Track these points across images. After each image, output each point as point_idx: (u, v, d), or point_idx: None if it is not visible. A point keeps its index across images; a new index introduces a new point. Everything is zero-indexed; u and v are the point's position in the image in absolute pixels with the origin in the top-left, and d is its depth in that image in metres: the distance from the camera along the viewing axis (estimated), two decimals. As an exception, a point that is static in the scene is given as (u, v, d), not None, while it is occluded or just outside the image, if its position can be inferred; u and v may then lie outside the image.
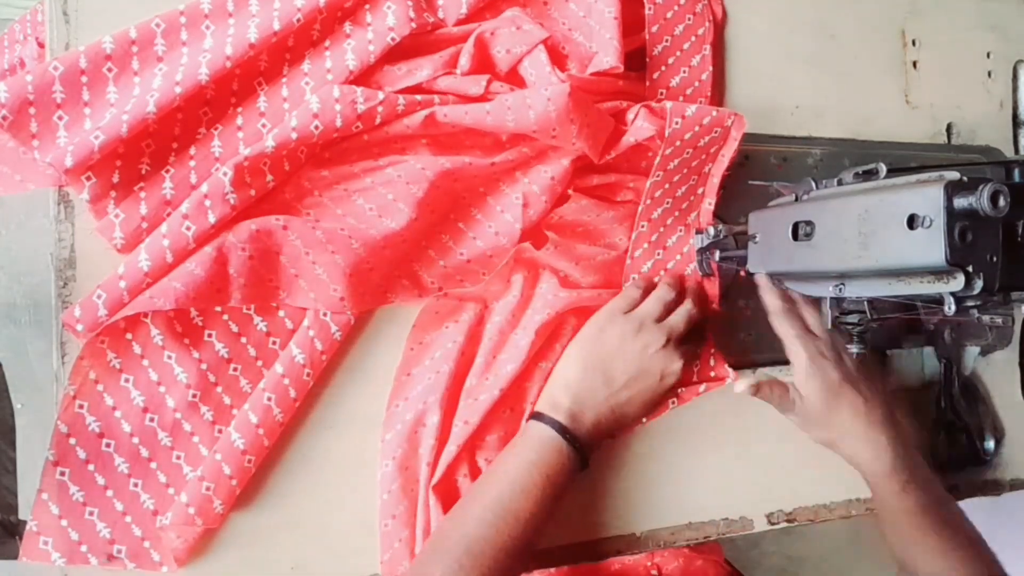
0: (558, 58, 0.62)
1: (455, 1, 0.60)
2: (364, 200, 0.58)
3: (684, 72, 0.67)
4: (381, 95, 0.56)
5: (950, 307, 0.51)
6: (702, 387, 0.65)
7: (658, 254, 0.65)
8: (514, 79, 0.61)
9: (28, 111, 0.51)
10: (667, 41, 0.66)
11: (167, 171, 0.53)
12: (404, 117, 0.57)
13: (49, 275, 0.53)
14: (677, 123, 0.60)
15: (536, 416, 0.57)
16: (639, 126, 0.61)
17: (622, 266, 0.65)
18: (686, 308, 0.62)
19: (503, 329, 0.60)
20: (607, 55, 0.61)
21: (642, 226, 0.64)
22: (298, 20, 0.54)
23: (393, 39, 0.57)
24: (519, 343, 0.59)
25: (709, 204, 0.66)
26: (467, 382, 0.60)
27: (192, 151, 0.54)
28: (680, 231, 0.66)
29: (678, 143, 0.61)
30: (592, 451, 0.58)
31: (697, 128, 0.61)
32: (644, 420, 0.63)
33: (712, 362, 0.66)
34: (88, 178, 0.51)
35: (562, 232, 0.63)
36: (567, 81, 0.56)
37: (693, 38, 0.67)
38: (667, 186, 0.63)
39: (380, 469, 0.59)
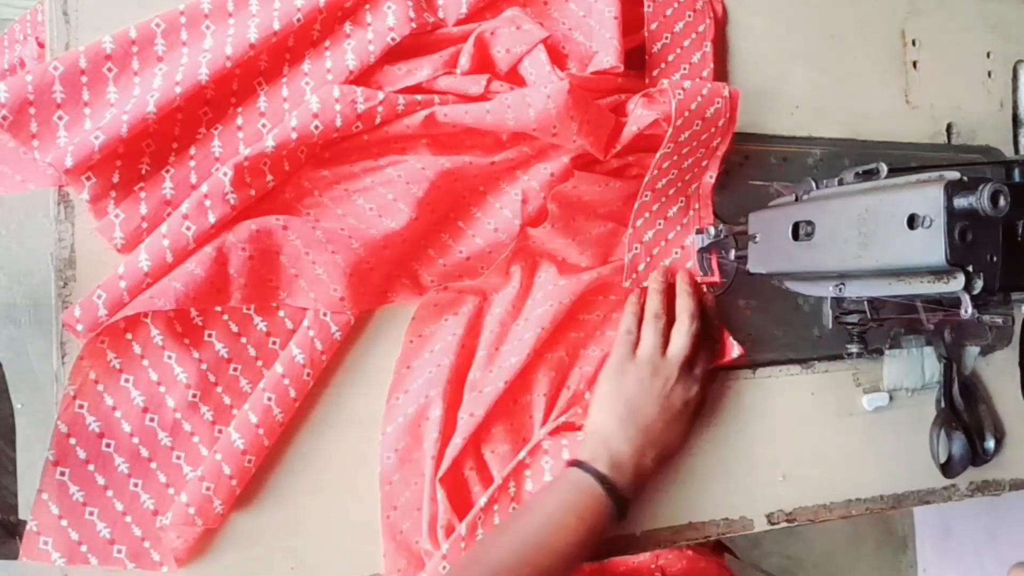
0: (558, 58, 0.62)
1: (455, 1, 0.60)
2: (364, 200, 0.58)
3: (684, 69, 0.67)
4: (381, 95, 0.56)
5: (967, 310, 0.50)
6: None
7: (659, 224, 0.65)
8: (514, 79, 0.61)
9: (28, 111, 0.51)
10: (666, 38, 0.66)
11: (167, 171, 0.53)
12: (404, 117, 0.57)
13: (49, 275, 0.53)
14: (680, 94, 0.60)
15: (578, 464, 0.58)
16: (639, 114, 0.61)
17: (618, 239, 0.65)
18: (684, 328, 0.62)
19: (504, 320, 0.60)
20: (607, 55, 0.61)
21: (645, 195, 0.64)
22: (298, 20, 0.54)
23: (393, 39, 0.57)
24: (522, 336, 0.59)
25: (711, 177, 0.66)
26: (471, 375, 0.60)
27: (192, 151, 0.54)
28: (681, 201, 0.66)
29: (687, 113, 0.60)
30: (633, 502, 0.59)
31: (699, 99, 0.61)
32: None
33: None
34: (88, 178, 0.51)
35: (565, 203, 0.62)
36: (566, 79, 0.56)
37: (693, 35, 0.67)
38: (675, 158, 0.63)
39: (381, 462, 0.59)
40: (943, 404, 0.75)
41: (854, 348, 0.70)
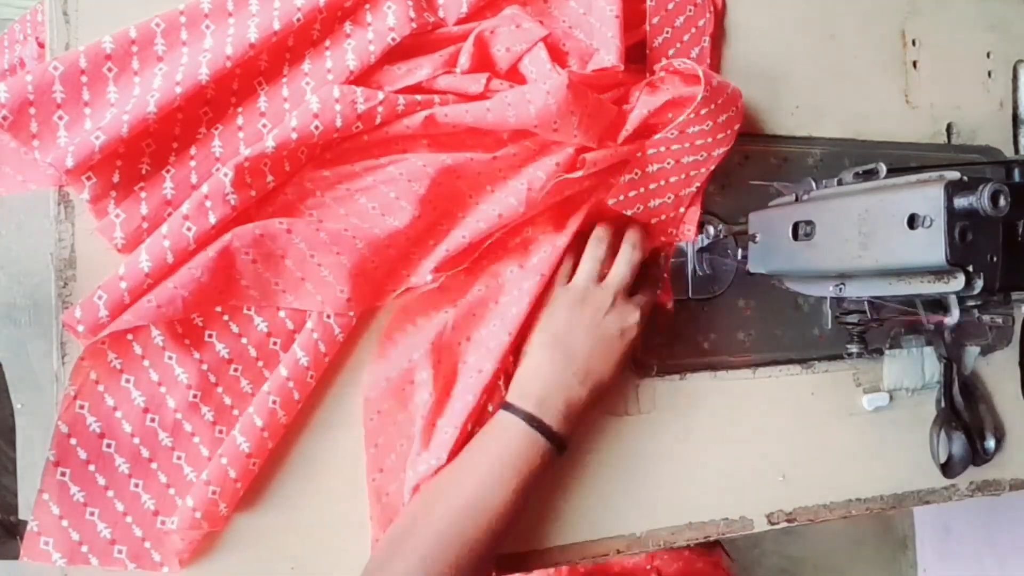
0: (558, 55, 0.62)
1: (455, 0, 0.60)
2: (367, 199, 0.58)
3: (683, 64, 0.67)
4: (381, 95, 0.55)
5: (952, 313, 0.51)
6: None
7: (668, 163, 0.64)
8: (514, 77, 0.60)
9: (28, 111, 0.50)
10: (667, 33, 0.66)
11: (167, 171, 0.53)
12: (404, 117, 0.57)
13: (49, 275, 0.53)
14: (688, 62, 0.60)
15: (505, 406, 0.57)
16: (647, 99, 0.61)
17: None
18: (625, 256, 0.61)
19: (492, 278, 0.61)
20: (608, 53, 0.61)
21: (672, 133, 0.61)
22: (298, 20, 0.54)
23: (393, 39, 0.57)
24: (522, 285, 0.59)
25: (719, 153, 0.65)
26: (475, 334, 0.59)
27: (192, 151, 0.54)
28: (702, 156, 0.64)
29: (714, 83, 0.60)
30: (570, 433, 0.57)
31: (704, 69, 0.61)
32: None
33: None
34: (88, 178, 0.51)
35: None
36: (565, 74, 0.56)
37: (693, 29, 0.67)
38: (710, 108, 0.62)
39: (365, 425, 0.58)
40: (943, 404, 0.75)
41: (854, 348, 0.70)
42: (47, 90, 0.51)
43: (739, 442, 0.70)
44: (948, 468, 0.75)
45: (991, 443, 0.77)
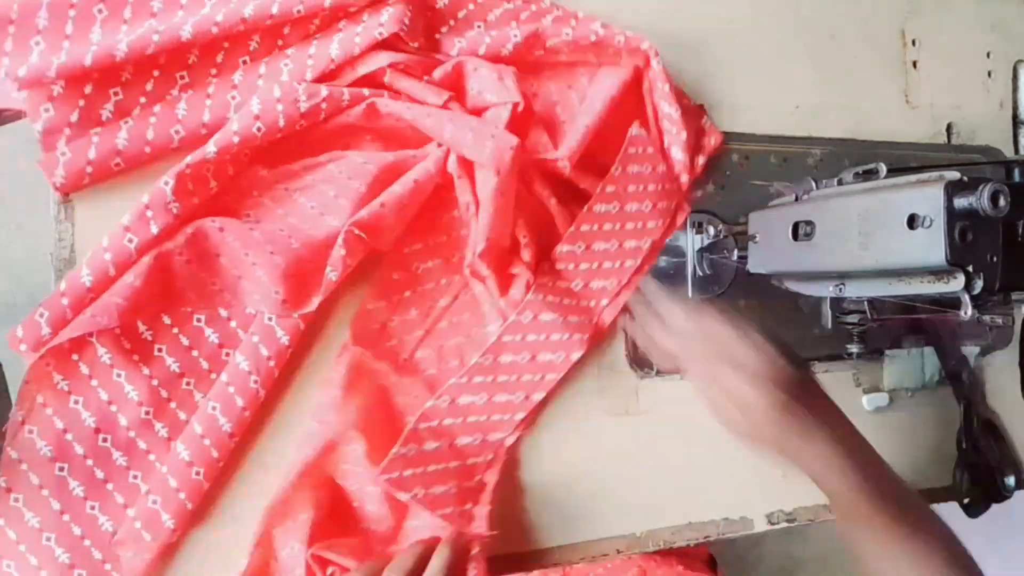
0: (521, 124, 0.59)
1: (472, 44, 0.59)
2: (306, 199, 0.56)
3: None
4: (324, 91, 0.53)
5: (966, 310, 0.50)
6: None
7: (584, 266, 0.63)
8: (476, 114, 0.58)
9: (7, 29, 0.49)
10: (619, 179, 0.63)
11: (126, 122, 0.52)
12: (348, 110, 0.55)
13: (49, 275, 0.53)
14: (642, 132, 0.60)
15: None
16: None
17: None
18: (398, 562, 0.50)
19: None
20: (564, 151, 0.59)
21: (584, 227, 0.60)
22: (298, 12, 0.53)
23: (381, 34, 0.55)
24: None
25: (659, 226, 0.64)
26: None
27: (156, 108, 0.52)
28: (613, 243, 0.63)
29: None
30: None
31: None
32: None
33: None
34: (46, 110, 0.49)
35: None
36: (517, 146, 0.54)
37: (641, 187, 0.64)
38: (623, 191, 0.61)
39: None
40: (964, 445, 0.74)
41: (854, 348, 0.70)
42: (32, 13, 0.50)
43: (739, 442, 0.69)
44: (971, 508, 0.75)
45: (1011, 480, 0.76)
